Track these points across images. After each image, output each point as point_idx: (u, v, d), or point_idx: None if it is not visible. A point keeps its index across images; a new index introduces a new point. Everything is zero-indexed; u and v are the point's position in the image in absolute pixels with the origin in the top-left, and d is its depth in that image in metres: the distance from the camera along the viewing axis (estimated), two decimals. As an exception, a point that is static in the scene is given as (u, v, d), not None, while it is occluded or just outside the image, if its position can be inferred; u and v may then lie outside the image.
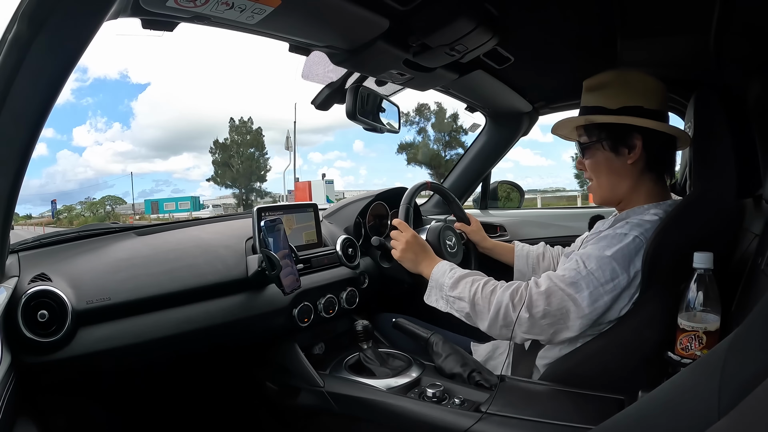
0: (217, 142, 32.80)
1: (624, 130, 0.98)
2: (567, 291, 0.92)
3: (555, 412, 0.87)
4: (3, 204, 0.76)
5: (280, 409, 1.27)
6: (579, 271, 0.92)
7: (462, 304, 1.02)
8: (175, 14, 0.80)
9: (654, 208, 0.97)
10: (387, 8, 0.91)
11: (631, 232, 0.92)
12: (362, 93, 1.25)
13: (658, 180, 1.02)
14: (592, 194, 1.08)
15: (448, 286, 1.05)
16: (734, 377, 0.41)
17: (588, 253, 0.94)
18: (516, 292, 0.96)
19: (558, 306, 0.92)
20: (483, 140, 1.95)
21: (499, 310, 0.96)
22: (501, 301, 0.96)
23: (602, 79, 1.02)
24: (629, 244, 0.91)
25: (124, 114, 54.72)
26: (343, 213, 1.61)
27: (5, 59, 0.64)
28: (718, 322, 0.79)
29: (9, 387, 0.76)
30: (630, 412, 0.55)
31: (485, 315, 0.98)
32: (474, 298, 1.00)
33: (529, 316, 0.93)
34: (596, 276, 0.90)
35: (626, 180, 1.01)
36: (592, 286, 0.90)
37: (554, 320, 0.93)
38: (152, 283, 1.03)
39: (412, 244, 1.16)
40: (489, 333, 1.00)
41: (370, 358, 1.19)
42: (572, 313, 0.91)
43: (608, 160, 1.01)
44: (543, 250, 1.41)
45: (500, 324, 0.97)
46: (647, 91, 0.99)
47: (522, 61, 1.27)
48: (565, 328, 0.93)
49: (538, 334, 0.95)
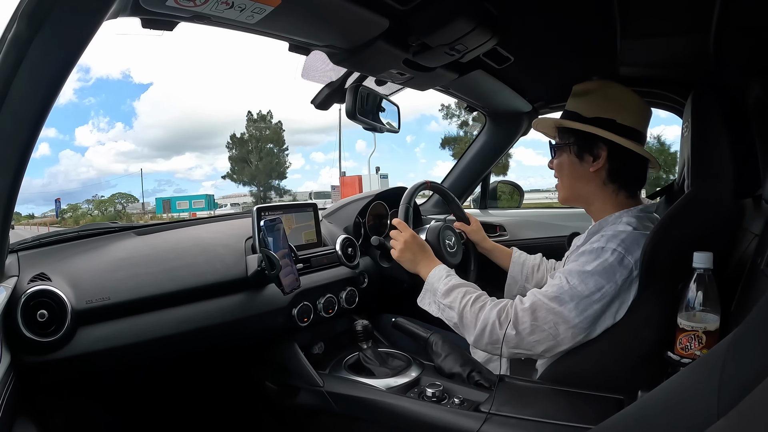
0: (234, 137, 31.35)
1: (591, 139, 1.01)
2: (551, 305, 0.92)
3: (554, 411, 0.87)
4: (3, 203, 0.76)
5: (279, 409, 1.27)
6: (562, 287, 0.93)
7: (451, 314, 1.03)
8: (174, 14, 0.80)
9: (625, 216, 0.99)
10: (387, 8, 0.91)
11: (608, 245, 0.93)
12: (362, 92, 1.25)
13: (620, 190, 1.03)
14: (558, 192, 1.12)
15: (441, 293, 1.05)
16: (734, 377, 0.41)
17: (569, 269, 0.95)
18: (503, 310, 0.96)
19: (544, 320, 0.92)
20: (482, 140, 1.95)
21: (485, 328, 0.96)
22: (487, 319, 0.96)
23: (588, 86, 1.05)
24: (608, 258, 0.92)
25: (127, 114, 54.67)
26: (342, 213, 1.61)
27: (5, 58, 0.64)
28: (717, 322, 0.79)
29: (8, 387, 0.76)
30: (629, 412, 0.55)
31: (471, 330, 0.99)
32: (463, 311, 1.00)
33: (515, 333, 0.93)
34: (579, 290, 0.91)
35: (587, 185, 1.04)
36: (576, 299, 0.91)
37: (543, 336, 0.93)
38: (151, 283, 1.03)
39: (411, 244, 1.16)
40: (476, 347, 1.01)
41: (370, 358, 1.19)
42: (561, 326, 0.91)
43: (572, 164, 1.05)
44: (539, 261, 1.42)
45: (486, 341, 0.97)
46: (625, 107, 1.01)
47: (522, 61, 1.27)
48: (556, 344, 0.93)
49: (527, 350, 0.95)
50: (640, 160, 1.02)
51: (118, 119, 53.83)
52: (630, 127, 1.00)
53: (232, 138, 31.42)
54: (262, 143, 30.81)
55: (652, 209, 1.03)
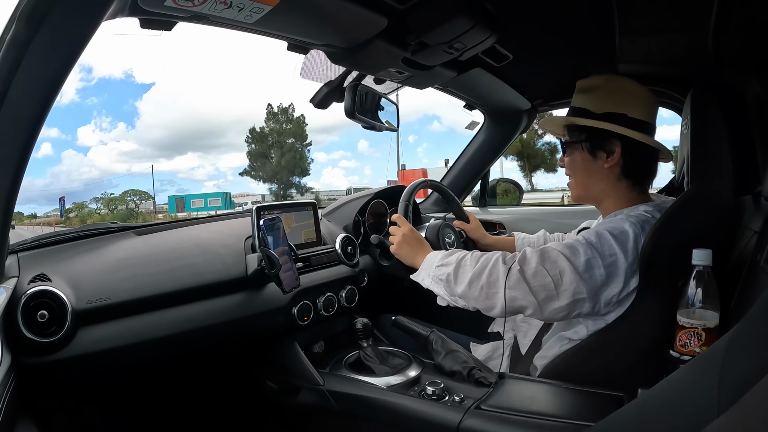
0: (254, 131, 29.00)
1: (604, 135, 1.00)
2: (563, 251, 0.91)
3: (555, 409, 0.87)
4: (2, 204, 0.76)
5: (280, 408, 1.27)
6: (577, 240, 0.93)
7: (445, 270, 1.01)
8: (173, 14, 0.80)
9: (643, 206, 0.98)
10: (385, 6, 0.91)
11: (628, 219, 0.93)
12: (361, 91, 1.25)
13: (633, 186, 1.03)
14: (570, 191, 1.11)
15: (437, 262, 1.04)
16: (733, 374, 0.41)
17: (587, 232, 0.95)
18: (508, 255, 0.96)
19: (552, 264, 0.90)
20: (482, 138, 1.95)
21: (485, 266, 0.94)
22: (490, 258, 0.95)
23: (593, 82, 1.04)
24: (626, 227, 0.91)
25: (129, 114, 54.52)
26: (342, 211, 1.61)
27: (4, 59, 0.64)
28: (717, 319, 0.79)
29: (9, 388, 0.76)
30: (629, 409, 0.55)
31: (468, 271, 0.96)
32: (462, 260, 0.99)
33: (519, 269, 0.91)
34: (594, 246, 0.90)
35: (601, 182, 1.03)
36: (589, 254, 0.89)
37: (546, 282, 0.90)
38: (152, 283, 1.03)
39: (409, 238, 1.16)
40: (465, 297, 0.97)
41: (370, 356, 1.19)
42: (566, 275, 0.89)
43: (585, 161, 1.04)
44: (544, 238, 1.43)
45: (483, 281, 0.94)
46: (635, 100, 1.00)
47: (520, 58, 1.27)
48: (554, 296, 0.90)
49: (523, 297, 0.91)
50: (652, 152, 1.02)
51: (120, 119, 53.75)
52: (641, 120, 0.99)
53: (252, 132, 29.31)
54: (283, 137, 28.88)
55: (668, 203, 0.99)
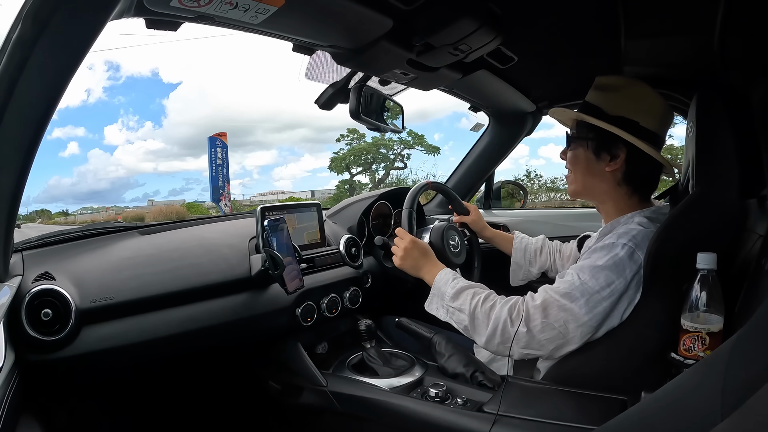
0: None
1: (612, 138, 0.99)
2: (562, 302, 0.92)
3: (558, 412, 0.87)
4: (7, 203, 0.76)
5: (282, 408, 1.27)
6: (573, 283, 0.92)
7: (462, 316, 1.02)
8: (178, 14, 0.80)
9: (637, 216, 0.98)
10: (391, 8, 0.91)
11: (618, 241, 0.93)
12: (366, 92, 1.24)
13: (634, 193, 1.02)
14: (568, 185, 1.10)
15: (449, 296, 1.04)
16: (737, 378, 0.41)
17: (581, 265, 0.95)
18: (514, 307, 0.96)
19: (555, 317, 0.92)
20: (486, 140, 1.94)
21: (497, 327, 0.95)
22: (499, 317, 0.96)
23: (614, 81, 1.03)
24: (618, 252, 0.91)
25: (156, 112, 54.15)
26: (346, 212, 1.61)
27: (10, 59, 0.64)
28: (721, 323, 0.78)
29: (12, 385, 0.76)
30: (633, 413, 0.55)
31: (483, 331, 0.98)
32: (474, 311, 0.99)
33: (527, 330, 0.93)
34: (590, 285, 0.91)
35: (601, 184, 1.03)
36: (587, 295, 0.90)
37: (554, 335, 0.92)
38: (156, 282, 1.04)
39: (411, 251, 1.15)
40: (486, 348, 1.00)
41: (373, 358, 1.19)
42: (571, 324, 0.91)
43: (587, 160, 1.03)
44: (542, 244, 1.42)
45: (497, 340, 0.96)
46: (651, 110, 0.99)
47: (526, 61, 1.27)
48: (565, 343, 0.93)
49: (536, 349, 0.95)
50: (656, 164, 1.01)
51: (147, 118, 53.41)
52: (652, 131, 0.99)
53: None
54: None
55: (665, 210, 1.01)
